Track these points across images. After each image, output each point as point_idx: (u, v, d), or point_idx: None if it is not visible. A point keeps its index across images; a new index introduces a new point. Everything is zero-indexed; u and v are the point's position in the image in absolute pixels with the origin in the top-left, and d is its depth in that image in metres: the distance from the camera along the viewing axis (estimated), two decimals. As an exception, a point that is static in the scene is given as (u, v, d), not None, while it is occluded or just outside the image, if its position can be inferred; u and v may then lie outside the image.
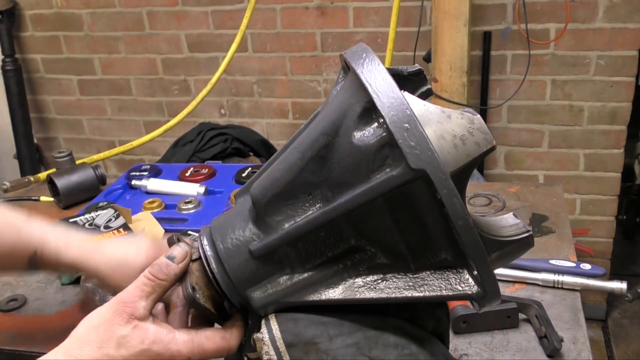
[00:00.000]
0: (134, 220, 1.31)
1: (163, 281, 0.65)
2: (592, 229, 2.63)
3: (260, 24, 2.65)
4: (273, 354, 0.63)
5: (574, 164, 2.56)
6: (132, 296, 0.64)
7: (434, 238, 0.61)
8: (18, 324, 1.10)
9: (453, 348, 0.96)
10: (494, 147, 0.60)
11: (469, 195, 1.43)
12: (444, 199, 0.55)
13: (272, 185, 0.64)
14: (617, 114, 2.43)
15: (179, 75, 2.86)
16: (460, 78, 2.19)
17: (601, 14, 2.30)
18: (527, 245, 0.63)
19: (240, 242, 0.66)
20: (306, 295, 0.64)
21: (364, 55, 0.62)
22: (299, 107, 2.79)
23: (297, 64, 2.70)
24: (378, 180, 0.58)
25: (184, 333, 0.65)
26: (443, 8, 2.11)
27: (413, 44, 2.38)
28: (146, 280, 0.65)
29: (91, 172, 1.55)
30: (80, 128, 3.11)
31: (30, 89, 3.05)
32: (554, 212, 1.35)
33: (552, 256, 1.17)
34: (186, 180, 1.55)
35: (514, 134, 2.57)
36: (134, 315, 0.63)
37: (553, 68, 2.43)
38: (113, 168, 3.12)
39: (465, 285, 0.62)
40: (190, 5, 2.70)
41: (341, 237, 0.63)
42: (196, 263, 0.68)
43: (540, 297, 1.06)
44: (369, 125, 0.59)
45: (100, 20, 2.83)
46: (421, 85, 0.68)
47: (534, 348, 0.96)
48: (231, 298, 0.67)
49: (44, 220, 0.91)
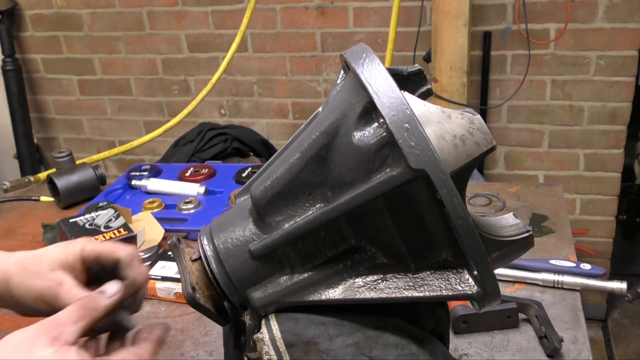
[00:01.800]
0: (134, 220, 1.31)
1: (92, 311, 0.65)
2: (592, 229, 2.63)
3: (260, 24, 2.65)
4: (273, 354, 0.63)
5: (574, 164, 2.56)
6: (62, 320, 0.63)
7: (434, 238, 0.61)
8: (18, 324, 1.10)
9: (453, 348, 0.96)
10: (494, 147, 0.60)
11: (469, 195, 1.43)
12: (444, 199, 0.55)
13: (272, 185, 0.64)
14: (617, 114, 2.43)
15: (179, 75, 2.86)
16: (460, 78, 2.19)
17: (601, 14, 2.30)
18: (527, 245, 0.63)
19: (240, 242, 0.66)
20: (306, 295, 0.64)
21: (364, 55, 0.62)
22: (299, 107, 2.79)
23: (297, 64, 2.70)
24: (378, 180, 0.58)
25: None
26: (443, 8, 2.11)
27: (413, 44, 2.38)
28: (77, 307, 0.64)
29: (91, 172, 1.55)
30: (80, 128, 3.11)
31: (30, 89, 3.05)
32: (554, 212, 1.35)
33: (552, 256, 1.16)
34: (186, 180, 1.55)
35: (514, 134, 2.57)
36: (60, 339, 0.61)
37: (553, 68, 2.43)
38: (113, 168, 3.12)
39: (465, 285, 0.62)
40: (190, 5, 2.70)
41: (341, 237, 0.63)
42: (196, 263, 0.68)
43: (540, 297, 1.06)
44: (369, 125, 0.59)
45: (100, 20, 2.83)
46: (421, 85, 0.68)
47: (534, 348, 0.96)
48: (231, 298, 0.67)
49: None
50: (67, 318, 0.63)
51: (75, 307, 0.64)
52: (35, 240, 1.38)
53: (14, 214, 1.54)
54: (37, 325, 0.62)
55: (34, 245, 1.36)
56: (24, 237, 1.42)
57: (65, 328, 0.62)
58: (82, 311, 0.64)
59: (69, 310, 0.64)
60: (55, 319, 0.63)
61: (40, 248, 0.77)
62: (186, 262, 0.68)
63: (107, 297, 0.67)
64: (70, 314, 0.64)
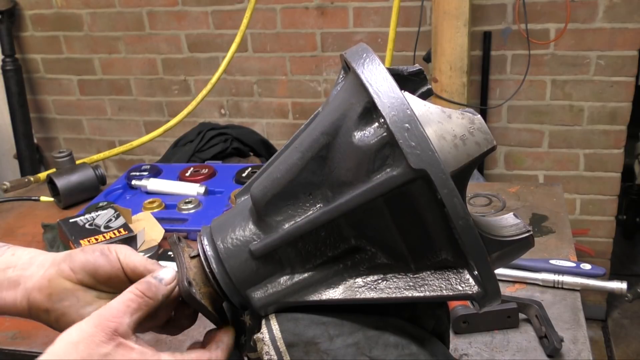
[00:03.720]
0: (134, 220, 1.31)
1: (150, 299, 0.62)
2: (592, 229, 2.63)
3: (260, 24, 2.65)
4: (273, 354, 0.63)
5: (574, 164, 2.56)
6: (117, 311, 0.59)
7: (434, 238, 0.61)
8: (18, 324, 1.10)
9: (453, 348, 0.96)
10: (495, 147, 0.60)
11: (469, 195, 1.43)
12: (445, 199, 0.55)
13: (273, 185, 0.64)
14: (617, 114, 2.43)
15: (179, 75, 2.86)
16: (460, 78, 2.19)
17: (601, 14, 2.30)
18: (528, 245, 0.63)
19: (240, 242, 0.66)
20: (306, 295, 0.64)
21: (364, 55, 0.62)
22: (299, 107, 2.79)
23: (297, 64, 2.70)
24: (378, 180, 0.58)
25: (169, 356, 0.61)
26: (443, 8, 2.11)
27: (413, 44, 2.38)
28: (133, 297, 0.61)
29: (91, 172, 1.55)
30: (80, 128, 3.11)
31: (30, 89, 3.05)
32: (554, 212, 1.35)
33: (552, 256, 1.16)
34: (186, 180, 1.55)
35: (514, 134, 2.57)
36: (118, 332, 0.58)
37: (553, 68, 2.43)
38: (113, 168, 3.12)
39: (465, 285, 0.62)
40: (190, 5, 2.70)
41: (341, 237, 0.63)
42: (195, 260, 0.68)
43: (540, 297, 1.06)
44: (370, 125, 0.59)
45: (100, 20, 2.83)
46: (421, 85, 0.68)
47: (534, 348, 0.96)
48: (231, 298, 0.67)
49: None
50: (122, 309, 0.59)
51: (130, 295, 0.61)
52: (36, 240, 1.38)
53: (14, 214, 1.54)
54: (90, 320, 0.58)
55: (34, 245, 1.36)
56: (24, 237, 1.42)
57: (122, 319, 0.59)
58: (139, 300, 0.60)
59: (123, 300, 0.60)
60: (110, 310, 0.59)
61: (40, 248, 0.76)
62: (184, 259, 0.68)
63: (165, 284, 0.64)
64: (126, 304, 0.60)
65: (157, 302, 0.63)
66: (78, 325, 0.58)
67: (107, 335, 0.57)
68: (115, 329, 0.58)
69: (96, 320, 0.58)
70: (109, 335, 0.57)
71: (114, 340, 0.57)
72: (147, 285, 0.62)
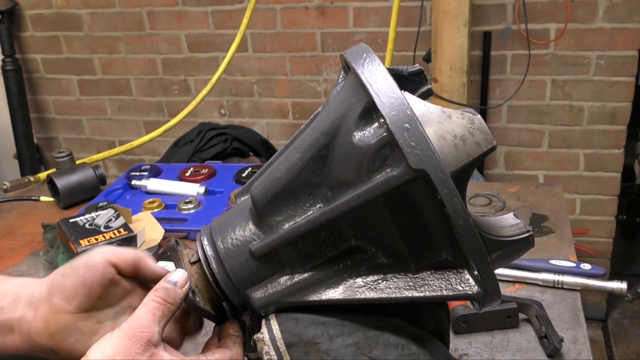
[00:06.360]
0: (134, 220, 1.31)
1: (172, 305, 0.62)
2: (592, 229, 2.63)
3: (260, 24, 2.65)
4: (273, 354, 0.63)
5: (574, 164, 2.56)
6: (146, 321, 0.59)
7: (434, 238, 0.61)
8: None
9: (453, 348, 0.96)
10: (495, 147, 0.60)
11: (469, 195, 1.43)
12: (445, 199, 0.55)
13: (273, 185, 0.64)
14: (617, 114, 2.43)
15: (179, 75, 2.86)
16: (460, 78, 2.19)
17: (601, 14, 2.30)
18: (528, 245, 0.63)
19: (240, 242, 0.66)
20: (306, 295, 0.64)
21: (364, 55, 0.62)
22: (299, 107, 2.79)
23: (297, 64, 2.70)
24: (378, 180, 0.58)
25: (195, 357, 0.63)
26: (443, 8, 2.11)
27: (413, 44, 2.37)
28: (157, 305, 0.61)
29: (91, 172, 1.55)
30: (80, 128, 3.11)
31: (30, 89, 3.05)
32: (554, 212, 1.35)
33: (552, 256, 1.16)
34: (186, 180, 1.55)
35: (514, 134, 2.57)
36: (152, 342, 0.58)
37: (553, 68, 2.43)
38: (113, 168, 3.12)
39: (465, 285, 0.62)
40: (190, 5, 2.70)
41: (341, 237, 0.63)
42: (195, 266, 0.68)
43: (540, 297, 1.06)
44: (370, 125, 0.59)
45: (100, 20, 2.83)
46: (421, 85, 0.68)
47: (534, 348, 0.96)
48: (231, 298, 0.67)
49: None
50: (150, 318, 0.60)
51: (154, 304, 0.61)
52: (35, 240, 1.38)
53: (14, 214, 1.54)
54: (121, 333, 0.58)
55: (34, 245, 1.36)
56: (24, 237, 1.42)
57: (153, 329, 0.59)
58: (163, 307, 0.61)
59: (148, 309, 0.61)
60: (139, 321, 0.59)
61: (40, 248, 0.74)
62: (185, 265, 0.68)
63: (180, 287, 0.64)
64: (152, 312, 0.60)
65: (177, 307, 0.63)
66: (109, 339, 0.58)
67: (142, 347, 0.58)
68: (149, 339, 0.58)
69: (129, 332, 0.58)
70: (144, 346, 0.58)
71: (148, 350, 0.58)
72: (166, 291, 0.63)
